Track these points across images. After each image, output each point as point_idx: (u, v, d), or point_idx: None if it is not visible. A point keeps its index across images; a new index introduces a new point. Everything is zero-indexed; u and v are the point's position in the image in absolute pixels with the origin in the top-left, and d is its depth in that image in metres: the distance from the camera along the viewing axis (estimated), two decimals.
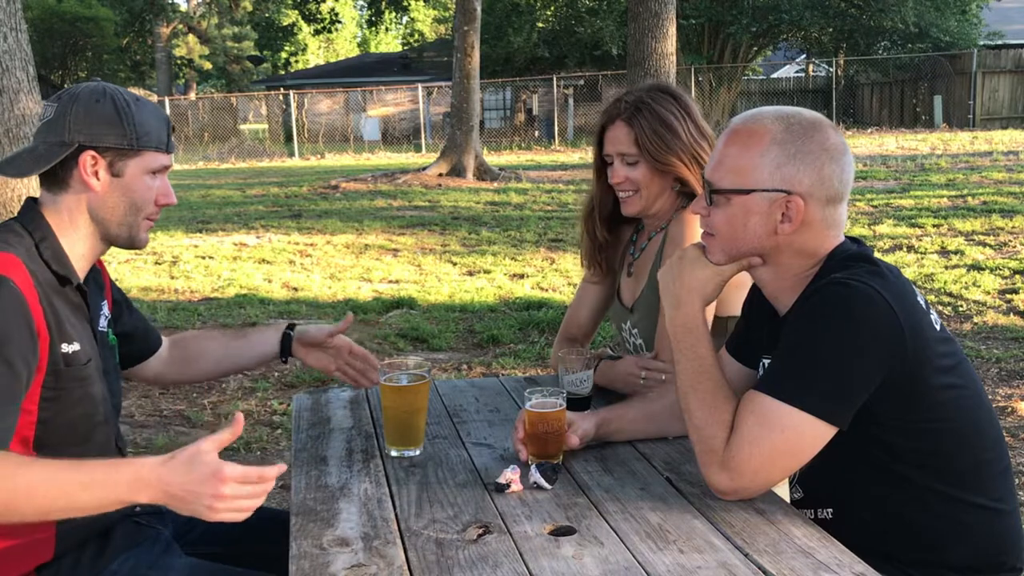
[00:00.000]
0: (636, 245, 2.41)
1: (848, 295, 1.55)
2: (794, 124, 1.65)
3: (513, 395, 2.35)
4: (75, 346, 1.71)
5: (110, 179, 1.76)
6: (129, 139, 1.75)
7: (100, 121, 1.74)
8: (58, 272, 1.73)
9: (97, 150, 1.74)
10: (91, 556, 1.77)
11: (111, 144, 1.74)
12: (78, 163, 1.74)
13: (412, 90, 30.14)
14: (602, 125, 2.30)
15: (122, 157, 1.76)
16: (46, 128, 1.76)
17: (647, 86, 2.30)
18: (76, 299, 1.78)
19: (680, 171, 2.23)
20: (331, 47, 64.39)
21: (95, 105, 1.74)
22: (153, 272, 9.01)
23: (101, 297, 1.94)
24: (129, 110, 1.75)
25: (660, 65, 10.17)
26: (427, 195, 14.97)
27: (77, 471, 1.47)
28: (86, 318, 1.80)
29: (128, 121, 1.75)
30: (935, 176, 14.41)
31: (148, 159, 1.78)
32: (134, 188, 1.78)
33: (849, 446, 1.61)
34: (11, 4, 4.62)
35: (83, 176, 1.74)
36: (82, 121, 1.73)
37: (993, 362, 5.45)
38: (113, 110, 1.74)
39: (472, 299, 7.48)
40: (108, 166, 1.75)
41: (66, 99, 1.76)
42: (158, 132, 1.79)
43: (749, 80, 34.07)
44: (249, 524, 2.04)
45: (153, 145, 1.78)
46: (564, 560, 1.44)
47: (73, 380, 1.71)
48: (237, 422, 1.49)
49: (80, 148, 1.73)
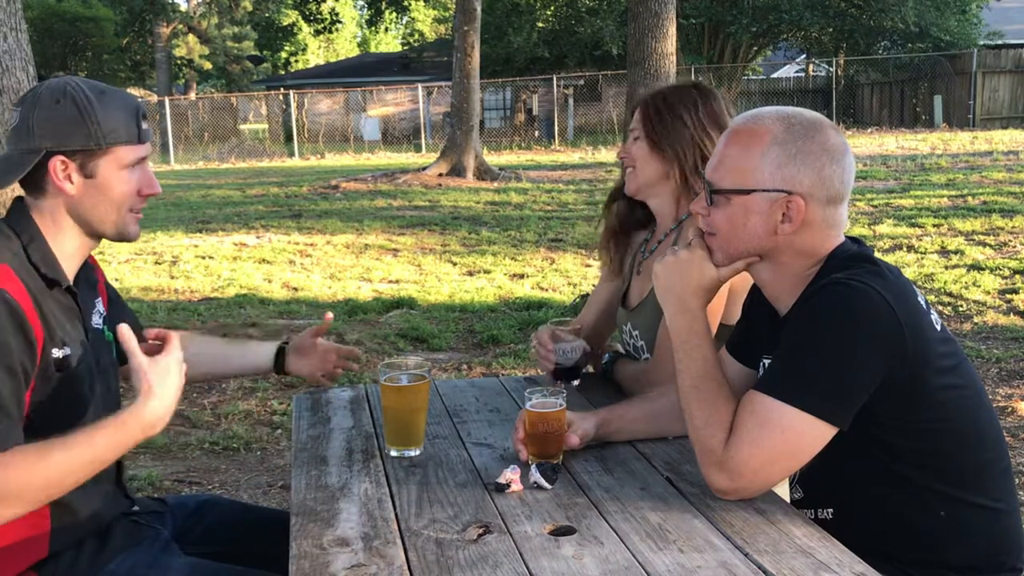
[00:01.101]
0: (647, 246, 2.41)
1: (849, 295, 1.55)
2: (795, 124, 1.64)
3: (513, 395, 2.35)
4: (66, 350, 1.70)
5: (83, 181, 1.72)
6: (95, 139, 1.70)
7: (63, 124, 1.69)
8: (47, 275, 1.71)
9: (65, 154, 1.69)
10: (89, 555, 1.77)
11: (78, 146, 1.70)
12: (48, 169, 1.70)
13: (412, 90, 30.15)
14: (633, 108, 2.39)
15: (91, 157, 1.71)
16: (14, 135, 1.72)
17: (683, 81, 2.43)
18: (67, 301, 1.76)
19: (677, 157, 2.24)
20: (331, 47, 64.36)
21: (56, 107, 1.69)
22: (153, 272, 9.01)
23: (94, 294, 1.93)
24: (91, 108, 1.70)
25: (660, 65, 10.16)
26: (427, 195, 14.97)
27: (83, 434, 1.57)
28: (78, 318, 1.79)
29: (91, 120, 1.69)
30: (935, 176, 14.41)
31: (119, 154, 1.74)
32: (110, 186, 1.74)
33: (849, 446, 1.61)
34: (11, 4, 4.61)
35: (56, 181, 1.71)
36: (45, 126, 1.69)
37: (993, 362, 5.45)
38: (75, 111, 1.69)
39: (472, 299, 7.48)
40: (79, 168, 1.71)
41: (28, 102, 1.72)
42: (127, 125, 1.74)
43: (749, 80, 34.08)
44: (249, 524, 2.06)
45: (123, 140, 1.73)
46: (564, 560, 1.44)
47: (63, 383, 1.70)
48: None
49: (48, 154, 1.69)
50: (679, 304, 1.73)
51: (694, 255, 1.73)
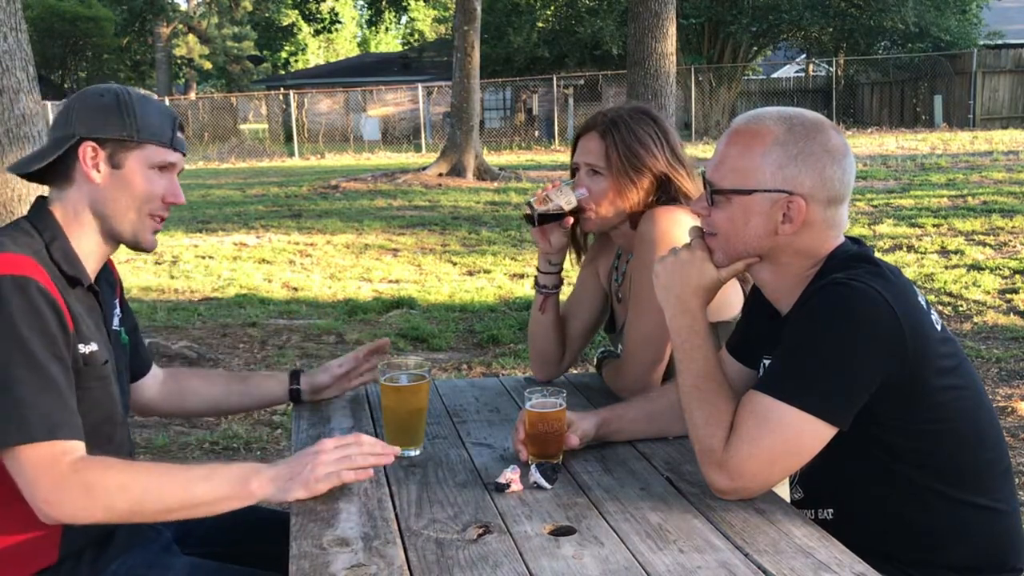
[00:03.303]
0: (618, 270, 2.38)
1: (849, 295, 1.55)
2: (796, 125, 1.64)
3: (513, 395, 2.35)
4: (92, 346, 1.71)
5: (110, 171, 1.75)
6: (129, 130, 1.74)
7: (100, 112, 1.74)
8: (68, 273, 1.72)
9: (97, 141, 1.74)
10: (91, 557, 1.77)
11: (111, 135, 1.74)
12: (78, 155, 1.74)
13: (412, 90, 30.14)
14: (578, 134, 2.28)
15: (122, 148, 1.75)
16: (54, 126, 1.78)
17: (629, 106, 2.26)
18: (89, 300, 1.77)
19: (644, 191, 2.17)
20: (331, 47, 64.37)
21: (99, 99, 1.76)
22: (153, 272, 9.02)
23: (113, 296, 1.94)
24: (131, 103, 1.76)
25: (660, 65, 10.17)
26: (427, 195, 14.97)
27: (191, 466, 1.61)
28: (100, 318, 1.80)
29: (128, 112, 1.75)
30: (935, 176, 14.41)
31: (150, 152, 1.77)
32: (134, 181, 1.76)
33: (849, 446, 1.60)
34: (11, 4, 4.62)
35: (84, 168, 1.74)
36: (84, 113, 1.75)
37: (993, 362, 5.45)
38: (115, 102, 1.75)
39: (472, 299, 7.48)
40: (108, 158, 1.75)
41: (75, 96, 1.79)
42: (162, 127, 1.78)
43: (749, 80, 34.06)
44: (249, 524, 2.05)
45: (156, 139, 1.77)
46: (564, 560, 1.44)
47: (94, 380, 1.71)
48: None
49: (80, 140, 1.74)
50: (679, 304, 1.73)
51: (694, 255, 1.73)
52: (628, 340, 2.20)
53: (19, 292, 1.57)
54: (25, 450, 1.53)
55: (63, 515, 1.54)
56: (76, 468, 1.54)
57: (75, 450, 1.57)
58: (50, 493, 1.53)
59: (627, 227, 2.24)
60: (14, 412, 1.53)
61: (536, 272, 2.42)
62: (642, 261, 2.10)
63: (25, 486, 1.54)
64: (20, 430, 1.53)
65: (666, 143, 2.20)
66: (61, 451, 1.55)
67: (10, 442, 1.53)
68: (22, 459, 1.53)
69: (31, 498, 1.54)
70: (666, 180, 2.18)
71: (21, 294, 1.57)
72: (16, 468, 1.54)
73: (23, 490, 1.55)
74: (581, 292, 2.50)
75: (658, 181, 2.18)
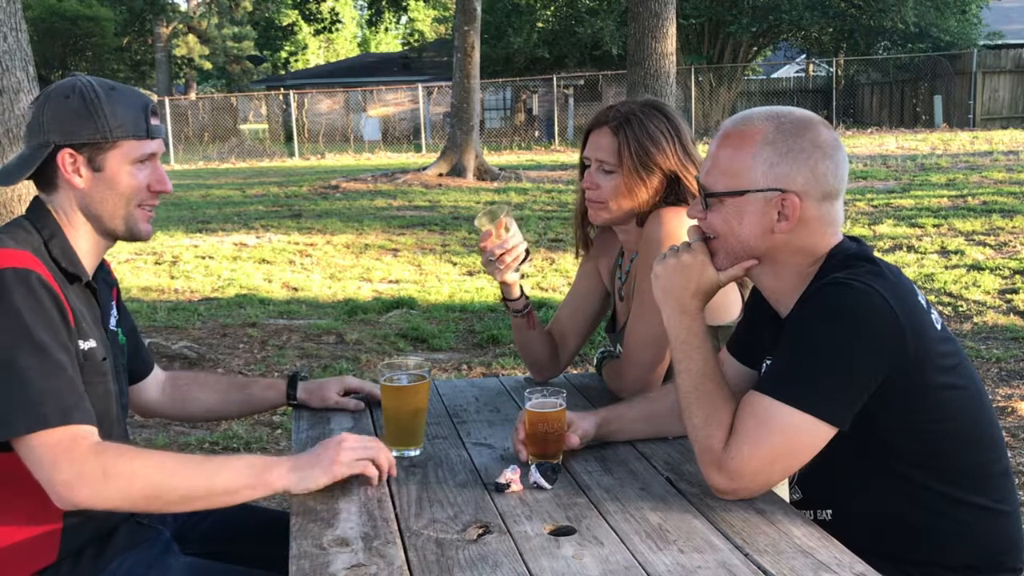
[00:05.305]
0: (621, 268, 2.38)
1: (849, 295, 1.55)
2: (785, 123, 1.65)
3: (513, 395, 2.35)
4: (91, 343, 1.72)
5: (92, 175, 1.75)
6: (102, 132, 1.73)
7: (71, 117, 1.73)
8: (67, 270, 1.73)
9: (73, 147, 1.73)
10: (90, 557, 1.77)
11: (85, 139, 1.73)
12: (57, 163, 1.74)
13: (412, 90, 30.13)
14: (588, 128, 2.26)
15: (99, 151, 1.74)
16: (28, 132, 1.77)
17: (642, 100, 2.25)
18: (87, 297, 1.78)
19: (656, 189, 2.17)
20: (331, 47, 64.36)
21: (64, 102, 1.74)
22: (153, 272, 9.02)
23: (110, 296, 1.95)
24: (99, 103, 1.73)
25: (660, 65, 10.17)
26: (427, 195, 14.97)
27: (208, 456, 1.61)
28: (97, 316, 1.81)
29: (98, 114, 1.73)
30: (935, 176, 14.41)
31: (127, 149, 1.76)
32: (118, 180, 1.76)
33: (849, 446, 1.60)
34: (11, 4, 4.62)
35: (66, 175, 1.74)
36: (54, 120, 1.73)
37: (993, 362, 5.45)
38: (83, 105, 1.73)
39: (472, 299, 7.48)
40: (87, 162, 1.74)
41: (41, 99, 1.77)
42: (135, 120, 1.76)
43: (749, 80, 34.05)
44: (249, 524, 2.05)
45: (130, 134, 1.75)
46: (564, 560, 1.44)
47: (92, 376, 1.71)
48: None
49: (57, 148, 1.73)
50: (678, 306, 1.73)
51: (695, 258, 1.73)
52: (629, 340, 2.20)
53: (22, 283, 1.58)
54: (41, 436, 1.53)
55: (80, 499, 1.53)
56: (95, 451, 1.54)
57: (91, 434, 1.57)
58: (69, 475, 1.52)
59: (633, 225, 2.24)
60: (25, 399, 1.53)
61: (503, 303, 2.39)
62: (647, 261, 2.10)
63: (42, 471, 1.53)
64: (35, 417, 1.52)
65: (678, 140, 2.19)
66: (79, 434, 1.55)
67: (24, 430, 1.53)
68: (38, 445, 1.53)
69: (48, 482, 1.53)
70: (675, 179, 2.18)
71: (24, 285, 1.58)
72: (32, 455, 1.54)
73: (39, 476, 1.54)
74: (582, 286, 2.50)
75: (668, 179, 2.18)
